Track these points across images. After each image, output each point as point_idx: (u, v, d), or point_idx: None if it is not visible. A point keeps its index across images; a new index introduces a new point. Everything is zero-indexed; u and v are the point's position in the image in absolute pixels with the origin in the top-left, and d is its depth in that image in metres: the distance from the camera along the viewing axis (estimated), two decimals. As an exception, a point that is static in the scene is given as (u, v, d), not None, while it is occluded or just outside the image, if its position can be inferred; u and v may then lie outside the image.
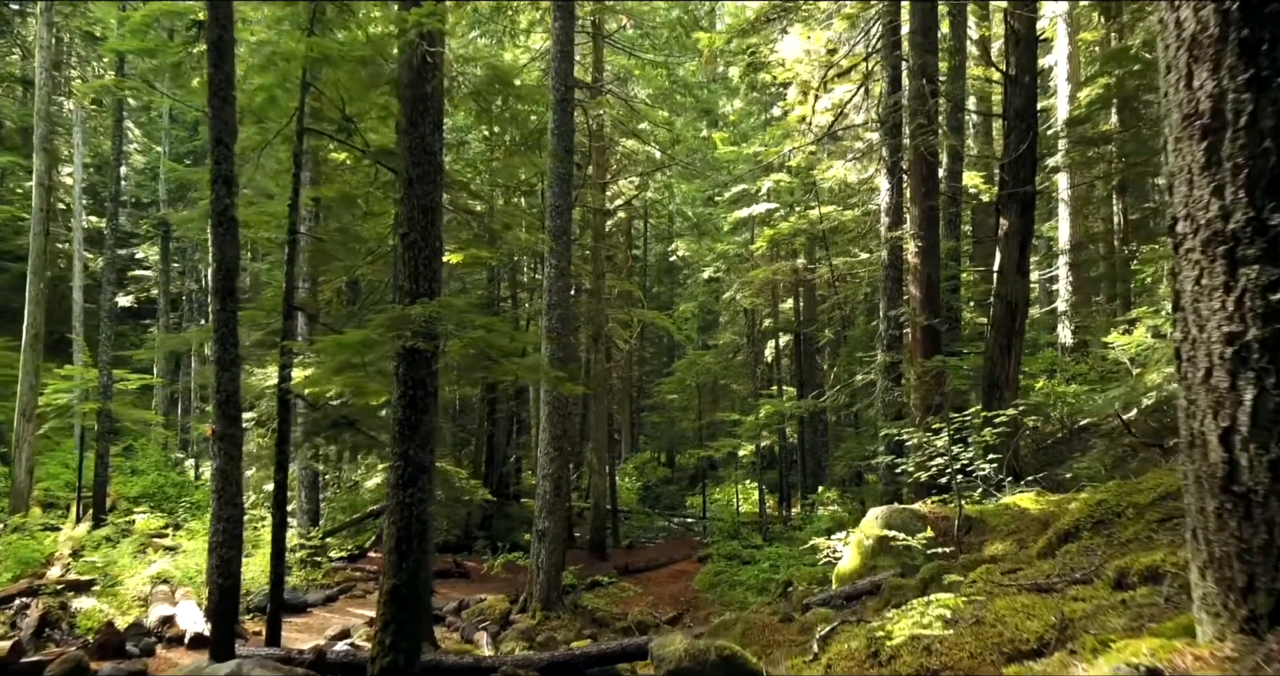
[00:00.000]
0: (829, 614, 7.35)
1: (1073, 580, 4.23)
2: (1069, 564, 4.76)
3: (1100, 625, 2.93)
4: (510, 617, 14.05)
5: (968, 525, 8.09)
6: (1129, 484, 5.75)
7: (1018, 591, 4.18)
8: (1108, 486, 5.88)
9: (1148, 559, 3.50)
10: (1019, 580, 4.66)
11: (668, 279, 42.28)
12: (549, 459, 14.34)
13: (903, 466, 9.63)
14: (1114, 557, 4.65)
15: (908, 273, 13.29)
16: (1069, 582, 4.20)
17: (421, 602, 6.84)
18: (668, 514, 30.51)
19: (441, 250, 7.16)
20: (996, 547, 7.52)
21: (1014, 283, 12.34)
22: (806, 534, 17.14)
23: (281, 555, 8.89)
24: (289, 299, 9.03)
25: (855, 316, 23.96)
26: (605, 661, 8.40)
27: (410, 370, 6.85)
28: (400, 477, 6.85)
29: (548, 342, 14.38)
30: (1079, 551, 5.13)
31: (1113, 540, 5.12)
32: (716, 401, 31.91)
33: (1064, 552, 5.23)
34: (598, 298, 21.47)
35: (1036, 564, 5.20)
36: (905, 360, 12.91)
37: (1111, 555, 4.76)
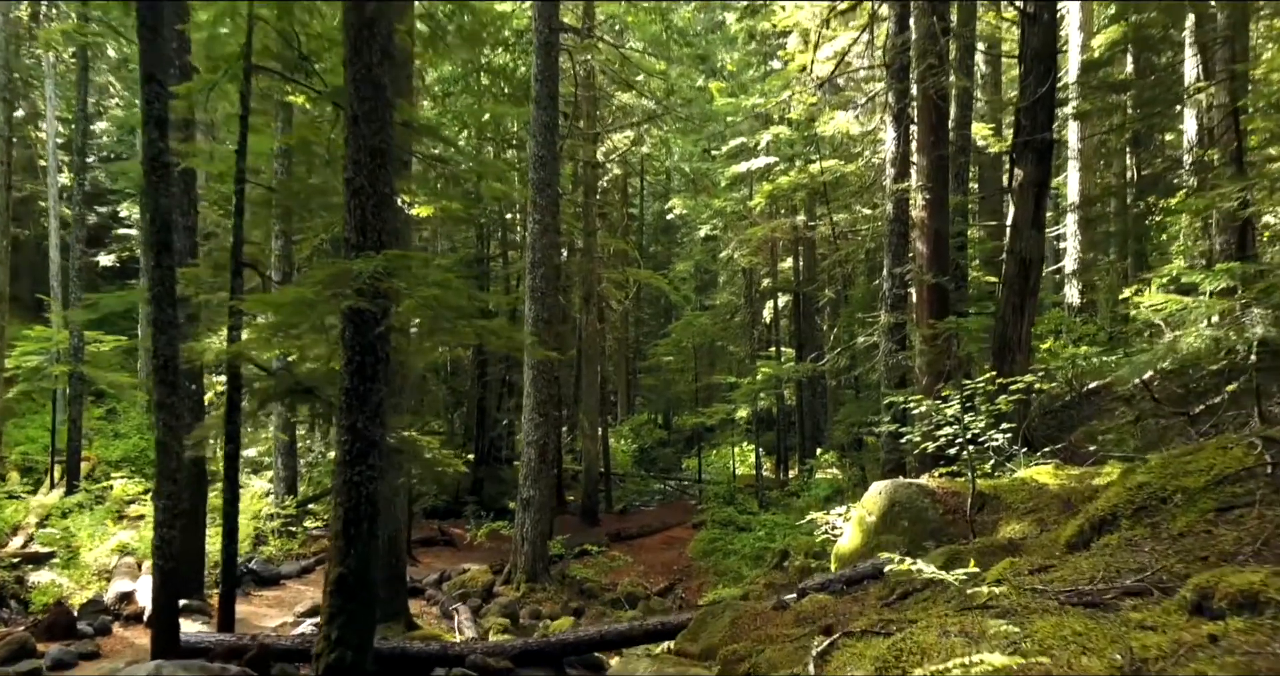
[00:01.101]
0: (828, 601, 6.66)
1: (1124, 589, 3.48)
2: (1112, 563, 4.01)
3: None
4: (494, 590, 13.45)
5: (980, 501, 7.38)
6: (1173, 462, 4.99)
7: (1059, 605, 3.44)
8: (1149, 465, 5.13)
9: (1240, 580, 2.75)
10: (1053, 583, 3.92)
11: (665, 238, 41.36)
12: (534, 425, 13.63)
13: (908, 436, 8.89)
14: (1169, 557, 3.90)
15: (914, 228, 12.44)
16: (1121, 593, 3.46)
17: (372, 592, 6.14)
18: (663, 477, 29.96)
19: (393, 198, 6.34)
20: (1013, 528, 6.81)
21: (1028, 238, 11.49)
22: (804, 501, 16.52)
23: (233, 534, 8.19)
24: (236, 254, 8.21)
25: (856, 276, 23.12)
26: (583, 649, 7.74)
27: (357, 334, 6.07)
28: (348, 453, 6.10)
29: (531, 303, 13.59)
30: (1120, 545, 4.38)
31: (1161, 533, 4.37)
32: (713, 363, 31.20)
33: (1102, 546, 4.49)
34: (589, 256, 20.62)
35: (1069, 560, 4.46)
36: (911, 321, 12.12)
37: (1164, 554, 4.01)
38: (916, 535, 7.50)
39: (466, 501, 23.64)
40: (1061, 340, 18.78)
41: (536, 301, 13.50)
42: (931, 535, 7.44)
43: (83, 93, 19.97)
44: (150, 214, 7.50)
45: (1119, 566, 3.94)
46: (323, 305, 5.90)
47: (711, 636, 6.58)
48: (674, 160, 34.33)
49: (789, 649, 5.46)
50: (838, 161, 18.58)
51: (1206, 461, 4.80)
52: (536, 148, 13.63)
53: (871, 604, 6.41)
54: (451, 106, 23.79)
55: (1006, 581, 4.26)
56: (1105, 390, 15.28)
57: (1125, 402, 13.07)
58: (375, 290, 5.84)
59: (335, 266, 5.80)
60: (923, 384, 11.63)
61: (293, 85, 9.34)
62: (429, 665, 7.51)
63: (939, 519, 7.52)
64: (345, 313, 6.07)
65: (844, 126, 17.29)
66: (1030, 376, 7.74)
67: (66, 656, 8.89)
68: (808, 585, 7.33)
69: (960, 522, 7.45)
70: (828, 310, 26.15)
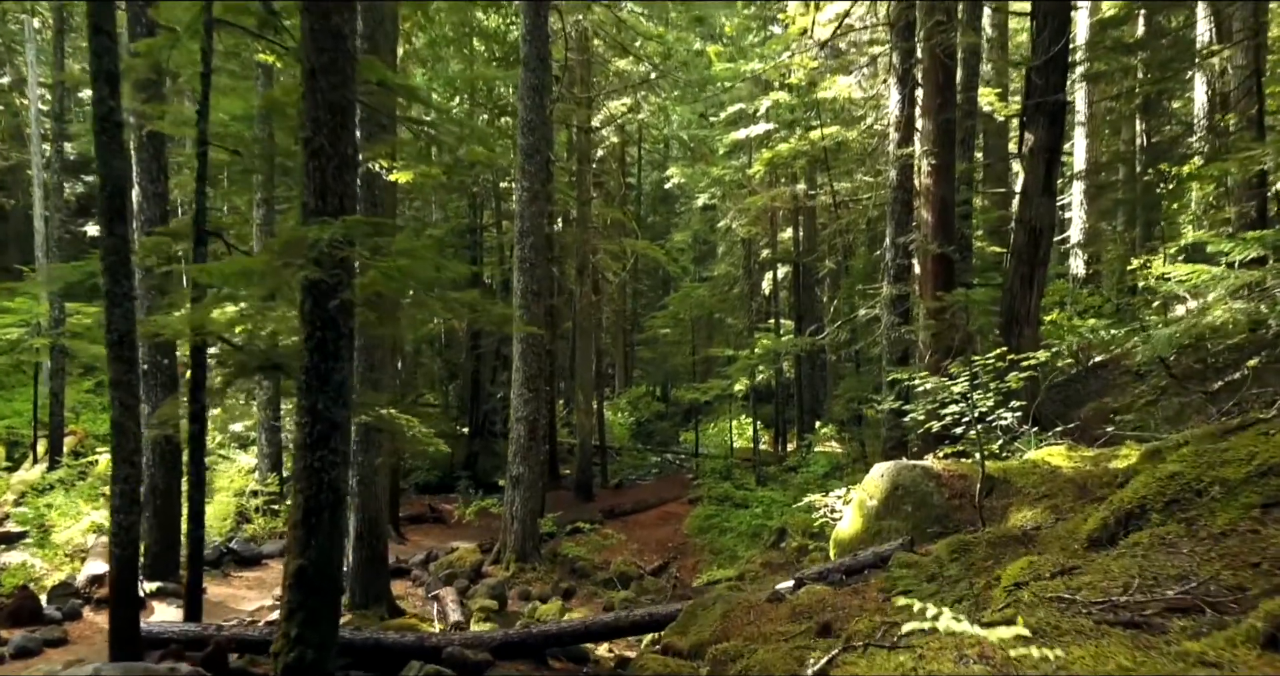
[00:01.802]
0: (827, 594, 6.23)
1: (1169, 603, 3.03)
2: (1147, 567, 3.56)
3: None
4: (483, 569, 13.07)
5: (989, 485, 6.93)
6: (1208, 449, 4.53)
7: (1094, 623, 2.98)
8: (1180, 453, 4.66)
9: (1327, 610, 2.30)
10: (1082, 592, 3.46)
11: (663, 207, 40.70)
12: (523, 400, 13.18)
13: (911, 414, 8.42)
14: (1213, 562, 3.45)
15: (918, 195, 11.90)
16: (1164, 608, 3.00)
17: (336, 585, 5.70)
18: (660, 450, 29.59)
19: (355, 159, 5.81)
20: (1025, 515, 6.37)
21: (1039, 205, 10.96)
22: (802, 477, 16.12)
23: (199, 518, 7.74)
24: (199, 222, 7.68)
25: (857, 246, 22.57)
26: (566, 641, 7.33)
27: (318, 307, 5.58)
28: (308, 437, 5.63)
29: (520, 274, 13.09)
30: (1154, 545, 3.93)
31: (1199, 531, 3.92)
32: (711, 336, 30.69)
33: (1132, 545, 4.03)
34: (583, 226, 20.06)
35: (1095, 560, 4.00)
36: (915, 294, 11.62)
37: (1206, 557, 3.56)
38: (920, 521, 7.07)
39: (460, 476, 23.26)
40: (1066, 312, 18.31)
41: (525, 272, 12.99)
42: (936, 521, 7.01)
43: (59, 56, 19.28)
44: (103, 177, 6.97)
45: (1156, 572, 3.48)
46: (274, 276, 5.41)
47: (701, 630, 6.17)
48: (672, 128, 33.59)
49: (784, 651, 5.03)
50: (839, 127, 17.95)
51: (1246, 449, 4.33)
52: (525, 112, 13.05)
53: (873, 597, 5.98)
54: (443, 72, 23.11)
55: (1027, 586, 3.81)
56: (1113, 363, 14.82)
57: (1137, 377, 12.61)
58: (333, 259, 5.34)
59: (289, 233, 5.29)
60: (926, 358, 11.17)
61: (262, 42, 8.75)
62: (405, 657, 7.11)
63: (944, 504, 7.08)
64: (304, 284, 5.58)
65: (845, 91, 16.68)
66: (1043, 352, 7.25)
67: (31, 643, 8.53)
68: (805, 574, 6.90)
69: (967, 508, 7.01)
70: (828, 281, 25.63)
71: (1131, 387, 12.95)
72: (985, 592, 4.42)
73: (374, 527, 10.18)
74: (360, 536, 10.13)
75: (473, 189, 23.93)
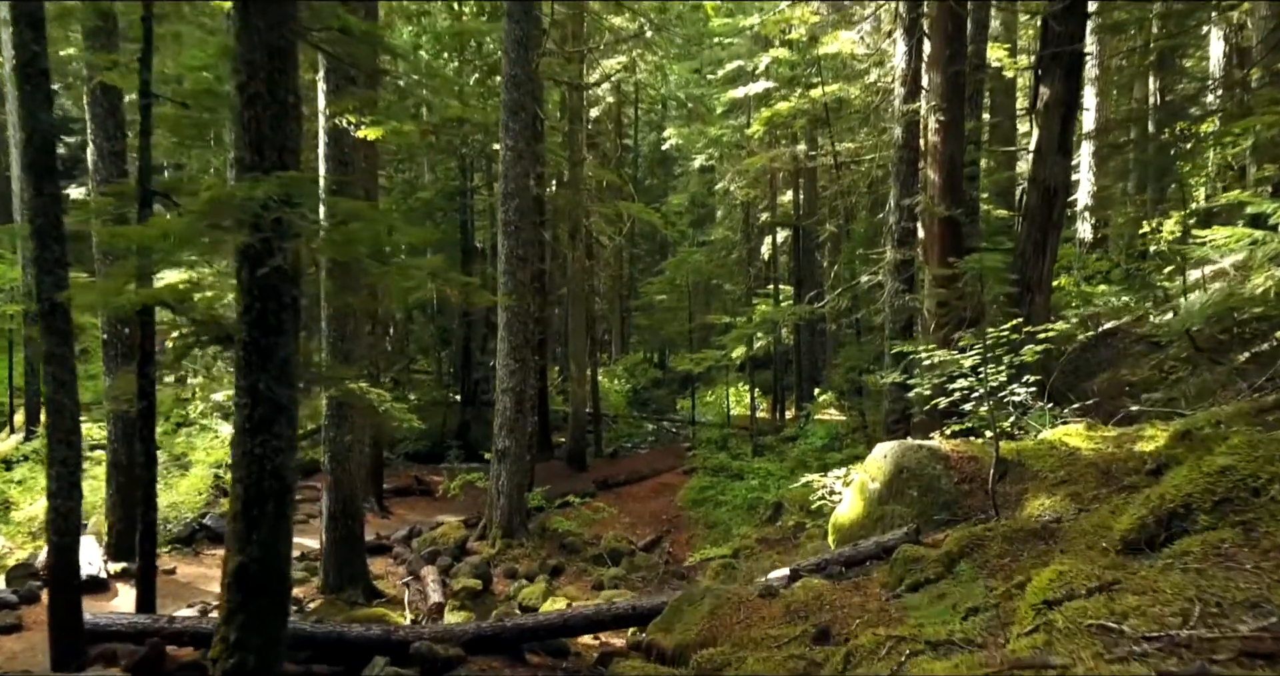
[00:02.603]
0: (824, 588, 5.70)
1: (1245, 643, 2.46)
2: (1206, 586, 2.99)
3: None
4: (468, 545, 12.58)
5: (1002, 468, 6.36)
6: (1265, 440, 3.95)
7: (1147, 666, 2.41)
8: (1231, 444, 4.08)
9: None
10: (1129, 618, 2.89)
11: (661, 170, 39.85)
12: (509, 371, 12.59)
13: (917, 389, 7.83)
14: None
15: (925, 154, 11.21)
16: (1240, 651, 2.43)
17: (282, 583, 5.16)
18: (656, 418, 29.11)
19: (297, 108, 5.16)
20: (1042, 503, 5.80)
21: (1054, 164, 10.30)
22: (800, 449, 15.61)
23: (150, 501, 7.20)
24: (144, 181, 7.03)
25: (858, 209, 21.84)
26: (543, 634, 6.82)
27: (257, 276, 4.97)
28: (248, 420, 5.05)
29: (505, 238, 12.42)
30: (1207, 555, 3.36)
31: (1259, 540, 3.35)
32: (709, 302, 30.05)
33: (1180, 554, 3.46)
34: (575, 188, 19.32)
35: (1138, 572, 3.43)
36: (919, 259, 10.99)
37: (1276, 576, 2.98)
38: (926, 507, 6.52)
39: (450, 445, 22.77)
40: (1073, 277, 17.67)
41: (510, 236, 12.33)
42: (944, 507, 6.46)
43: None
44: (27, 132, 6.32)
45: (1219, 595, 2.91)
46: (198, 241, 4.79)
47: (688, 628, 5.64)
48: (669, 87, 32.64)
49: (777, 660, 4.50)
50: (841, 83, 17.17)
51: (1310, 441, 3.75)
52: (509, 66, 12.29)
53: (875, 594, 5.45)
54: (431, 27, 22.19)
55: (1060, 606, 3.24)
56: (1123, 331, 14.21)
57: (1153, 347, 12.01)
58: (273, 223, 4.71)
59: (215, 191, 4.66)
60: (931, 328, 10.57)
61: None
62: (370, 651, 6.60)
63: (953, 488, 6.53)
64: (241, 250, 4.96)
65: (847, 46, 15.87)
66: (1062, 324, 6.65)
67: (-19, 630, 8.04)
68: (801, 565, 6.37)
69: (978, 493, 6.46)
70: (828, 246, 24.94)
71: (1146, 358, 12.35)
72: (1006, 604, 3.86)
73: (348, 506, 9.65)
74: (334, 516, 9.61)
75: (461, 150, 23.14)
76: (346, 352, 9.47)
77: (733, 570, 11.75)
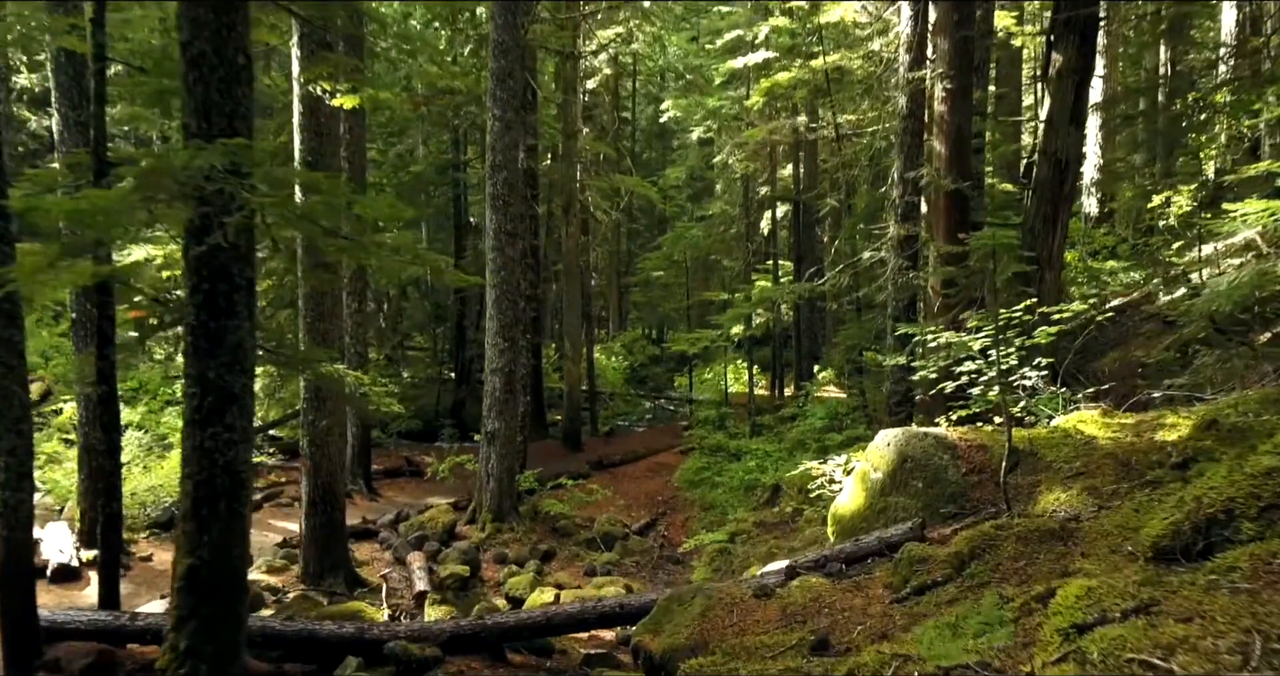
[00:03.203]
0: (824, 589, 5.32)
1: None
2: (1264, 615, 2.59)
3: None
4: (457, 530, 12.24)
5: (1014, 458, 5.97)
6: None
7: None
8: (1276, 441, 3.67)
9: None
10: (1178, 654, 2.50)
11: (659, 143, 39.27)
12: (498, 351, 12.18)
13: (921, 372, 7.42)
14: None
15: (931, 125, 10.74)
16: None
17: (237, 586, 4.77)
18: (654, 395, 28.76)
19: (248, 70, 4.70)
20: (1057, 497, 5.41)
21: (1066, 135, 9.83)
22: (799, 430, 15.24)
23: (113, 492, 6.81)
24: (98, 151, 6.58)
25: (859, 183, 21.31)
26: (525, 634, 6.46)
27: (206, 254, 4.54)
28: (197, 410, 4.64)
29: (492, 212, 11.97)
30: (1256, 572, 2.96)
31: (1319, 555, 2.94)
32: (707, 279, 29.56)
33: (1225, 570, 3.06)
34: (569, 161, 18.81)
35: (1178, 589, 3.03)
36: (924, 235, 10.54)
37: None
38: (932, 499, 6.13)
39: (444, 424, 22.41)
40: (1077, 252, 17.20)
41: (499, 211, 11.87)
42: (951, 500, 6.07)
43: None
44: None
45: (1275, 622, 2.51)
46: (132, 214, 4.35)
47: (677, 631, 5.27)
48: (668, 58, 31.98)
49: (771, 673, 4.13)
50: (843, 51, 16.61)
51: (1369, 440, 3.34)
52: (496, 31, 11.77)
53: (878, 596, 5.08)
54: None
55: (1091, 631, 2.85)
56: (1131, 308, 13.79)
57: (1165, 325, 11.59)
58: (220, 194, 4.28)
59: (154, 160, 4.21)
60: (935, 306, 10.15)
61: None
62: (342, 651, 6.25)
63: (960, 480, 6.14)
64: (190, 225, 4.53)
65: (849, 13, 15.32)
66: (1079, 304, 6.22)
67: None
68: (799, 562, 5.99)
69: (987, 485, 6.07)
70: (829, 221, 24.45)
71: (1158, 338, 11.93)
72: (1026, 619, 3.47)
73: (328, 493, 9.28)
74: (314, 502, 9.24)
75: (454, 122, 22.54)
76: (324, 332, 9.06)
77: (729, 555, 11.43)
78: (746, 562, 10.70)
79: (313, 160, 8.85)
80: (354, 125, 13.79)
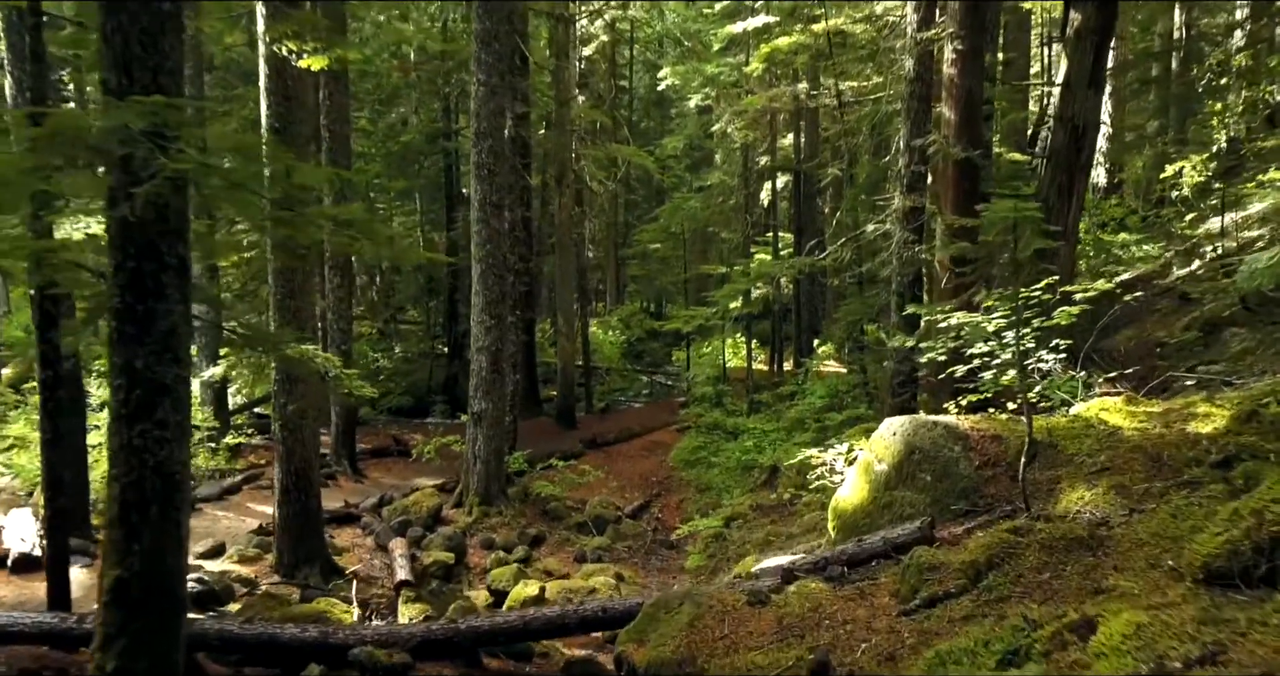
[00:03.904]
0: (823, 596, 4.85)
1: None
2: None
3: None
4: (442, 514, 11.81)
5: (1033, 450, 5.48)
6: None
7: None
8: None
9: None
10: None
11: (657, 112, 38.44)
12: (484, 328, 11.67)
13: (929, 354, 6.90)
14: None
15: (941, 89, 10.15)
16: None
17: (172, 601, 4.30)
18: (651, 370, 28.26)
19: (178, 19, 4.15)
20: (1081, 496, 4.92)
21: (1084, 99, 9.23)
22: (798, 409, 14.77)
23: (57, 485, 6.34)
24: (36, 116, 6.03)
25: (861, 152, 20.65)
26: (500, 639, 6.01)
27: (131, 229, 4.02)
28: (124, 404, 4.14)
29: (478, 182, 11.40)
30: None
31: None
32: (706, 251, 28.94)
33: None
34: (562, 129, 18.16)
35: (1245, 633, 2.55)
36: (932, 206, 9.98)
37: None
38: (942, 495, 5.65)
39: (435, 400, 21.96)
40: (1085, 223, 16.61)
41: (484, 181, 11.30)
42: (963, 496, 5.59)
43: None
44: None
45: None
46: (32, 181, 3.82)
47: (663, 642, 4.81)
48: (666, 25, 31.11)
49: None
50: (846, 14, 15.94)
51: None
52: (480, -9, 11.14)
53: (884, 606, 4.61)
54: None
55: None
56: (1143, 282, 13.26)
57: (1182, 301, 11.07)
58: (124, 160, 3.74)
59: (58, 121, 3.68)
60: (942, 282, 9.63)
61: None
62: (305, 656, 5.80)
63: (973, 474, 5.65)
64: (109, 197, 4.00)
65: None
66: (1103, 282, 5.70)
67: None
68: (797, 564, 5.52)
69: (1002, 479, 5.58)
70: (830, 192, 23.81)
71: (1175, 314, 11.42)
72: (1060, 655, 2.99)
73: (302, 479, 8.81)
74: (287, 490, 8.77)
75: (444, 90, 21.84)
76: (295, 310, 8.53)
77: (724, 541, 10.99)
78: (742, 550, 10.26)
79: (280, 127, 8.27)
80: (334, 91, 13.18)
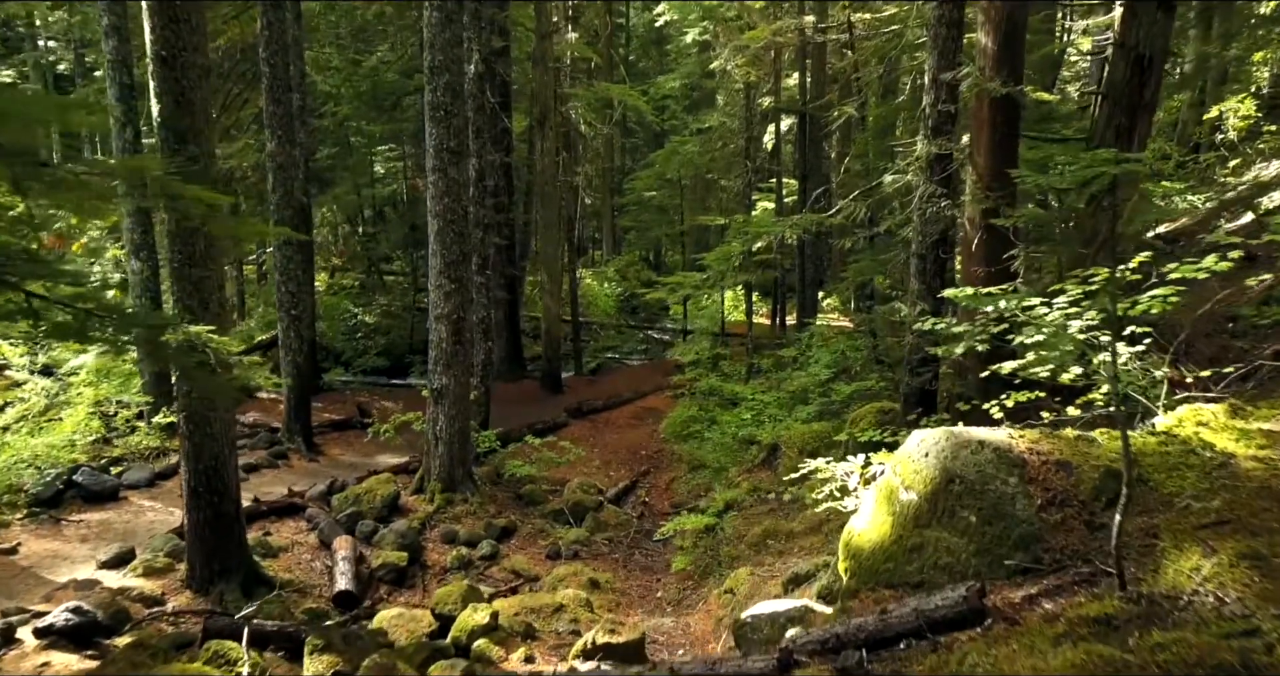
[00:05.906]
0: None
1: None
2: None
3: None
4: (400, 502, 10.48)
5: (1113, 488, 4.07)
6: None
7: None
8: None
9: None
10: None
11: (656, 51, 36.35)
12: (443, 293, 10.24)
13: (966, 342, 5.44)
14: None
15: (973, 11, 8.52)
16: None
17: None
18: (647, 325, 26.84)
19: None
20: (1195, 564, 3.53)
21: (1151, 23, 7.63)
22: (801, 381, 13.35)
23: None
24: None
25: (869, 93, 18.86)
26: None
27: None
28: None
29: (432, 125, 9.83)
30: None
31: None
32: (705, 199, 27.24)
33: None
34: (543, 66, 16.44)
35: None
36: (962, 153, 8.41)
37: None
38: (992, 542, 4.25)
39: (413, 360, 20.57)
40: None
41: (439, 123, 9.73)
42: (1020, 545, 4.18)
43: None
44: None
45: None
46: None
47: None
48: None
49: None
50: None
51: None
52: (432, -104, 9.42)
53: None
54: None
55: None
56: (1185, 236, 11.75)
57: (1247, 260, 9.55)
58: None
59: None
60: (974, 244, 8.12)
61: None
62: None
63: (1033, 517, 4.23)
64: None
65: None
66: (1213, 258, 4.19)
67: None
68: (798, 643, 4.12)
69: (1074, 526, 4.18)
70: (837, 135, 22.08)
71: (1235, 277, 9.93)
72: None
73: (214, 479, 7.44)
74: (195, 492, 7.41)
75: (419, 24, 19.98)
76: (198, 280, 7.07)
77: (715, 537, 9.71)
78: (736, 550, 8.97)
79: (168, 55, 6.72)
80: (272, 19, 11.53)
